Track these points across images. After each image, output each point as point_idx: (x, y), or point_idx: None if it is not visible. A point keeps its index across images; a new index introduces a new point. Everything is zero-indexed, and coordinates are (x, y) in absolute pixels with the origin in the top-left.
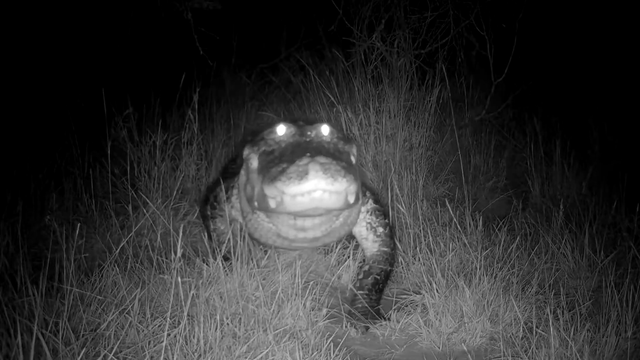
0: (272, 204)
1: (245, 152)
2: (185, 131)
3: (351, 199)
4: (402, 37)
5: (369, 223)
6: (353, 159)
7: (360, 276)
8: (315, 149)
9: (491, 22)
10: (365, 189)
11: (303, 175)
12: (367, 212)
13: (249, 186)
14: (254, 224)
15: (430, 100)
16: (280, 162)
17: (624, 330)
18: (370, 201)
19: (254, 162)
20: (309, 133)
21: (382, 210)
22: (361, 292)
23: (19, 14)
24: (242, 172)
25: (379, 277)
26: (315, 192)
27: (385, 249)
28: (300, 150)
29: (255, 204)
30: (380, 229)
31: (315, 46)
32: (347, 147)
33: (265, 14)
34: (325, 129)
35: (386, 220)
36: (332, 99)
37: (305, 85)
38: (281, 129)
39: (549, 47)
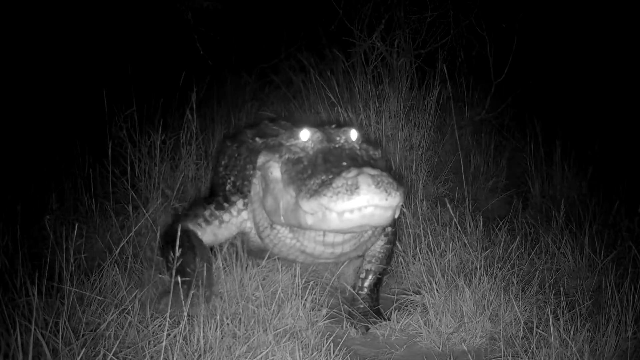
0: (309, 220)
1: (262, 159)
2: (184, 131)
3: (397, 213)
4: (402, 37)
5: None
6: (382, 164)
7: (362, 275)
8: (350, 157)
9: (491, 22)
10: None
11: (353, 189)
12: None
13: (270, 198)
14: (272, 239)
15: (430, 100)
16: (317, 172)
17: (624, 330)
18: None
19: (275, 172)
20: (337, 138)
21: None
22: (362, 292)
23: (20, 14)
24: (256, 181)
25: (380, 277)
26: (366, 209)
27: (389, 246)
28: (335, 159)
29: (282, 218)
30: (389, 228)
31: (316, 46)
32: (378, 153)
33: (265, 14)
34: (354, 134)
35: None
36: (333, 99)
37: (305, 85)
38: (305, 134)
39: (549, 47)
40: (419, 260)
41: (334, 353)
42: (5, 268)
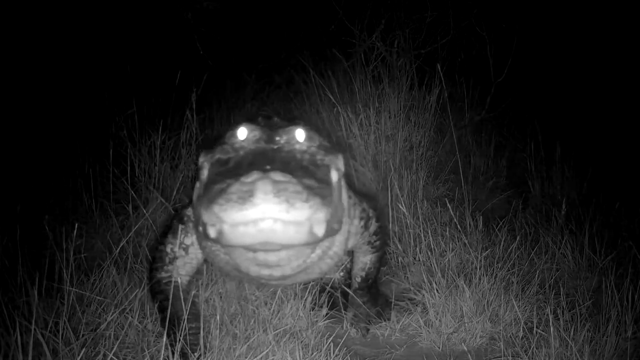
0: (211, 232)
1: (200, 159)
2: (184, 131)
3: (319, 231)
4: (402, 37)
5: (370, 242)
6: (334, 175)
7: (357, 279)
8: (282, 161)
9: (491, 22)
10: (364, 204)
11: (247, 197)
12: (370, 234)
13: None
14: (209, 252)
15: (430, 100)
16: (227, 176)
17: (624, 330)
18: (373, 222)
19: (205, 174)
20: (277, 139)
21: (384, 226)
22: (358, 293)
23: (21, 13)
24: (198, 184)
25: (373, 281)
26: (263, 222)
27: (378, 253)
28: (261, 162)
29: (200, 228)
30: (378, 242)
31: (316, 46)
32: (328, 160)
33: (265, 13)
34: (300, 134)
35: (386, 232)
36: (332, 99)
37: (306, 85)
38: (242, 132)
39: (549, 47)
40: (419, 260)
41: (334, 353)
42: (5, 268)
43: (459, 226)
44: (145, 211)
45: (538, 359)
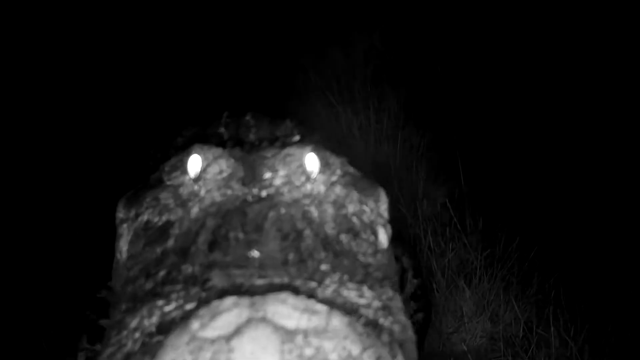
0: None
1: (118, 212)
2: None
3: None
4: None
5: None
6: (384, 239)
7: None
8: (284, 237)
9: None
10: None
11: None
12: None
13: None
14: None
15: (429, 101)
16: (164, 285)
17: (624, 330)
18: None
19: (123, 252)
20: (267, 176)
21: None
22: None
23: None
24: (117, 254)
25: None
26: None
27: None
28: (237, 242)
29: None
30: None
31: (316, 45)
32: (370, 210)
33: (265, 13)
34: (312, 162)
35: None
36: (332, 99)
37: (306, 85)
38: (194, 163)
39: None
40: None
41: None
42: (5, 269)
43: (459, 226)
44: None
45: (538, 359)
